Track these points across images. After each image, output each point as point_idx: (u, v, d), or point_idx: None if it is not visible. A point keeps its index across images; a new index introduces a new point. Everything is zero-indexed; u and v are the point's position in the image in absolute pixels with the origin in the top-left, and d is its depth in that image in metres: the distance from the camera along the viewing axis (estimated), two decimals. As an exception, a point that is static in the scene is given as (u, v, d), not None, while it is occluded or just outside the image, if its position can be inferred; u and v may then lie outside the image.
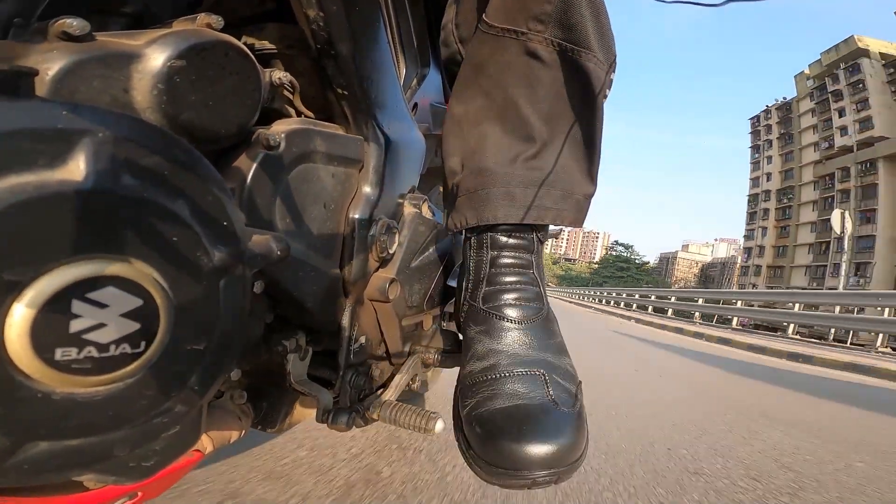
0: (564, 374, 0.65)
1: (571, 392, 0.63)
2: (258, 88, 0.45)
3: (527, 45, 0.64)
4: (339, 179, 0.58)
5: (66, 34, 0.32)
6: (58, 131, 0.27)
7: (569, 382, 0.64)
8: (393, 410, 0.64)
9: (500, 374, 0.63)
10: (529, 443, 0.55)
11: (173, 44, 0.37)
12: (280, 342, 0.56)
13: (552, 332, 0.69)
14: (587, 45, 0.64)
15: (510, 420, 0.57)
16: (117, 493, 0.54)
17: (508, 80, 0.66)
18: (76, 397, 0.29)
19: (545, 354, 0.65)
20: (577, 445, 0.57)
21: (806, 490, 1.37)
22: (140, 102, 0.36)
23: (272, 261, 0.40)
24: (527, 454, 0.54)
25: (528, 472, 0.54)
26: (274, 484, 1.05)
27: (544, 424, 0.57)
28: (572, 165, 0.70)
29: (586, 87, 0.67)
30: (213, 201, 0.34)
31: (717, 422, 2.11)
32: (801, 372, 4.68)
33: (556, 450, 0.55)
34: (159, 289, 0.30)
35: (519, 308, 0.67)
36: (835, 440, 1.98)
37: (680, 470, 1.42)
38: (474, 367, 0.65)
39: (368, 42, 0.58)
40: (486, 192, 0.67)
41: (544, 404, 0.59)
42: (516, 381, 0.62)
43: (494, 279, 0.69)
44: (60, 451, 0.30)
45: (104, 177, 0.28)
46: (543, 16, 0.62)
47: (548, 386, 0.61)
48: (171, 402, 0.35)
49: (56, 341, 0.27)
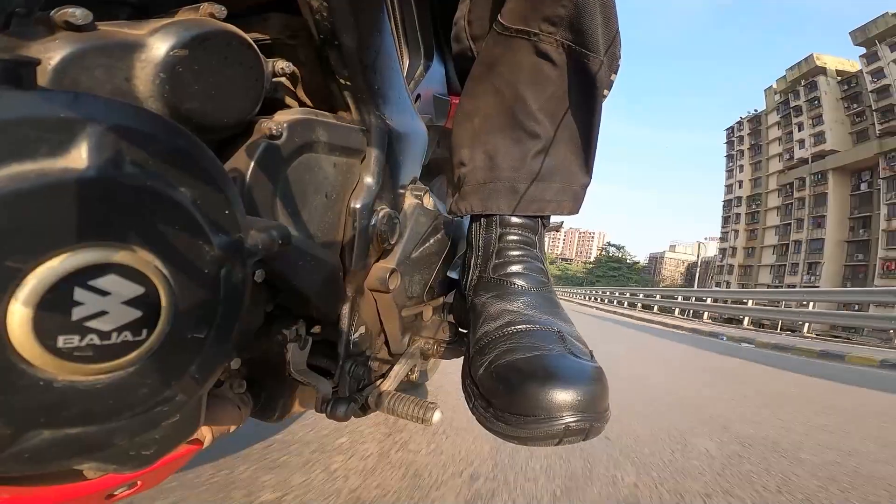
0: (577, 338, 0.66)
1: (587, 352, 0.63)
2: (261, 78, 0.45)
3: (538, 46, 0.66)
4: (340, 169, 0.58)
5: (68, 24, 0.32)
6: (60, 120, 0.27)
7: (582, 344, 0.65)
8: (391, 400, 0.65)
9: (517, 329, 0.63)
10: (557, 387, 0.54)
11: (176, 33, 0.37)
12: (280, 331, 0.56)
13: (558, 306, 0.71)
14: (595, 49, 0.67)
15: (534, 368, 0.56)
16: (117, 481, 0.54)
17: (518, 78, 0.68)
18: (78, 385, 0.29)
19: (556, 319, 0.67)
20: (603, 395, 0.57)
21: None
22: (142, 92, 0.36)
23: (273, 250, 0.40)
24: (556, 398, 0.53)
25: (560, 417, 0.53)
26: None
27: (569, 371, 0.56)
28: (572, 160, 0.74)
29: (589, 88, 0.70)
30: (214, 190, 0.34)
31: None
32: (743, 347, 6.75)
33: (584, 395, 0.54)
34: (161, 277, 0.30)
35: (527, 277, 0.71)
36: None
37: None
38: (488, 327, 0.66)
39: (372, 32, 0.58)
40: (493, 185, 0.72)
41: (564, 355, 0.59)
42: (534, 336, 0.62)
43: (503, 253, 0.73)
44: (61, 440, 0.30)
45: (106, 165, 0.28)
46: (556, 18, 0.64)
47: (564, 341, 0.62)
48: (171, 391, 0.35)
49: (58, 329, 0.27)
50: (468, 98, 0.75)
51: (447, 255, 0.82)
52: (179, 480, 0.98)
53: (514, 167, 0.71)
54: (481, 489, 1.15)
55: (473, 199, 0.73)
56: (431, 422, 0.62)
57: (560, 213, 0.76)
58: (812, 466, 1.54)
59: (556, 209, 0.75)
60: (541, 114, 0.69)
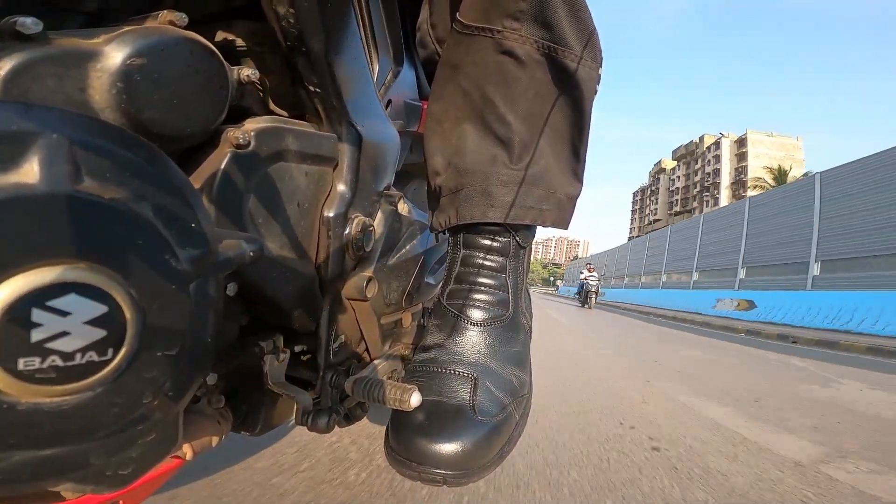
0: (503, 384, 0.64)
1: (501, 403, 0.63)
2: (225, 86, 0.44)
3: (502, 44, 0.63)
4: (312, 178, 0.57)
5: (17, 33, 0.31)
6: (10, 133, 0.26)
7: (503, 393, 0.64)
8: (367, 385, 0.63)
9: (435, 369, 0.64)
10: (426, 438, 0.56)
11: (132, 41, 0.36)
12: (256, 344, 0.55)
13: (511, 341, 0.68)
14: (565, 44, 0.64)
15: (421, 414, 0.59)
16: (96, 501, 0.53)
17: (485, 79, 0.65)
18: (43, 407, 0.28)
19: (489, 361, 0.65)
20: (478, 455, 0.58)
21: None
22: (98, 102, 0.35)
23: (244, 262, 0.39)
24: (420, 447, 0.56)
25: (417, 464, 0.56)
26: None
27: (448, 425, 0.58)
28: (555, 165, 0.70)
29: (568, 86, 0.66)
30: (179, 202, 0.33)
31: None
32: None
33: (450, 452, 0.56)
34: (124, 295, 0.29)
35: (479, 310, 0.68)
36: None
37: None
38: (418, 357, 0.68)
39: (340, 39, 0.57)
40: (466, 191, 0.67)
41: (461, 407, 0.60)
42: (446, 379, 0.63)
43: (463, 277, 0.70)
44: (33, 461, 0.29)
45: (61, 179, 0.27)
46: (518, 13, 0.61)
47: (475, 391, 0.62)
48: (145, 410, 0.34)
49: (17, 351, 0.26)
50: (436, 101, 0.71)
51: (424, 261, 0.81)
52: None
53: (486, 171, 0.66)
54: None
55: (450, 210, 0.69)
56: (410, 404, 0.61)
57: (543, 223, 0.70)
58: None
59: (538, 218, 0.69)
60: (511, 115, 0.65)
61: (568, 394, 2.53)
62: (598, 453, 1.60)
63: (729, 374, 3.63)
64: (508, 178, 0.66)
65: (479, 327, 0.67)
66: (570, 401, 2.37)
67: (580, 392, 2.61)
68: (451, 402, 0.60)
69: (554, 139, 0.69)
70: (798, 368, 4.11)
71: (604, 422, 2.03)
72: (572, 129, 0.70)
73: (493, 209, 0.67)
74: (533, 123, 0.67)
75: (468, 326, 0.67)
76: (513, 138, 0.66)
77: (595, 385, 2.85)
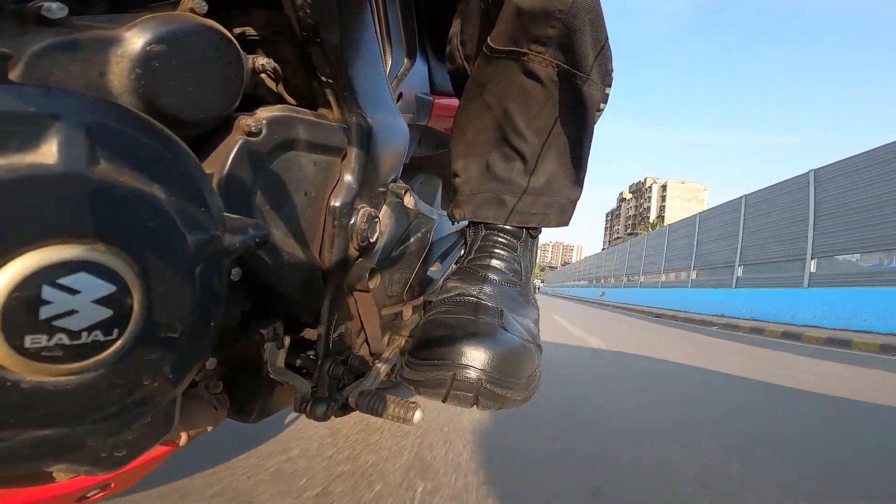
0: (524, 326, 0.67)
1: (523, 335, 0.65)
2: (240, 74, 0.45)
3: (526, 66, 0.67)
4: (320, 167, 0.57)
5: (42, 18, 0.31)
6: (30, 115, 0.26)
7: (526, 333, 0.66)
8: (371, 400, 0.64)
9: (461, 298, 0.66)
10: (463, 340, 0.56)
11: (153, 28, 0.36)
12: (257, 331, 0.55)
13: (524, 307, 0.72)
14: (585, 70, 0.68)
15: (454, 324, 0.59)
16: (89, 483, 0.53)
17: (507, 96, 0.70)
18: (46, 386, 0.28)
19: (510, 308, 0.68)
20: (512, 366, 0.58)
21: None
22: (117, 87, 0.35)
23: (250, 248, 0.39)
24: (457, 348, 0.55)
25: (452, 364, 0.55)
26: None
27: (484, 333, 0.58)
28: (560, 174, 0.76)
29: (580, 107, 0.71)
30: (189, 186, 0.33)
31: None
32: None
33: (487, 354, 0.55)
34: (133, 275, 0.30)
35: (498, 272, 0.73)
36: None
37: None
38: (440, 296, 0.70)
39: (355, 31, 0.57)
40: (483, 196, 0.75)
41: (493, 324, 0.61)
42: (473, 307, 0.65)
43: (483, 249, 0.75)
44: (30, 441, 0.30)
45: (76, 160, 0.27)
46: (545, 39, 0.65)
47: (502, 318, 0.63)
48: (144, 392, 0.34)
49: (25, 328, 0.26)
50: (462, 113, 0.77)
51: (427, 254, 0.82)
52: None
53: (501, 181, 0.74)
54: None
55: (466, 208, 0.76)
56: (413, 421, 0.61)
57: (546, 225, 0.78)
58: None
59: (542, 221, 0.77)
60: (528, 131, 0.71)
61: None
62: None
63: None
64: (519, 187, 0.74)
65: (498, 284, 0.71)
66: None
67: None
68: (482, 320, 0.61)
69: (561, 151, 0.75)
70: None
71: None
72: (577, 142, 0.75)
73: (504, 213, 0.74)
74: (544, 137, 0.72)
75: (489, 281, 0.71)
76: (526, 152, 0.72)
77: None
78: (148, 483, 1.01)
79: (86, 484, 0.53)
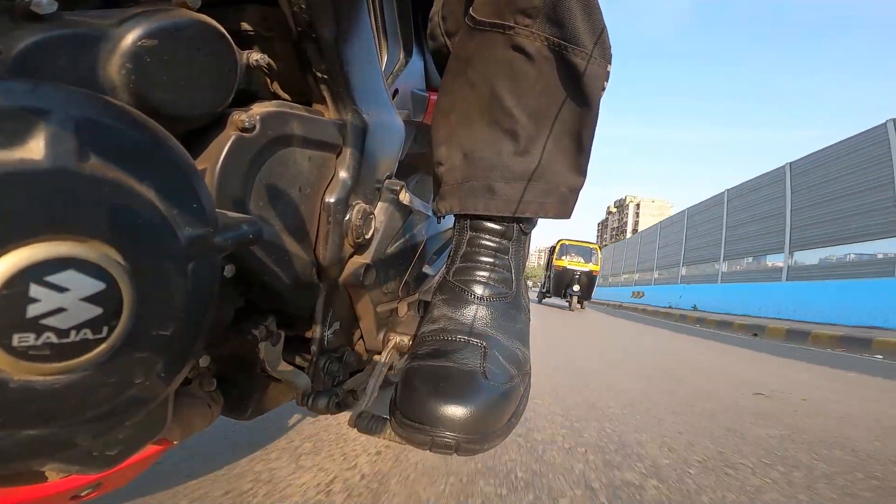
0: (509, 355, 0.65)
1: (508, 373, 0.63)
2: (234, 70, 0.44)
3: (513, 40, 0.63)
4: (315, 163, 0.57)
5: (32, 13, 0.31)
6: (17, 110, 0.25)
7: (511, 364, 0.65)
8: (370, 422, 0.63)
9: (445, 337, 0.65)
10: (440, 400, 0.56)
11: (145, 23, 0.36)
12: (251, 328, 0.55)
13: (514, 318, 0.70)
14: (577, 42, 0.63)
15: (434, 377, 0.58)
16: (80, 482, 0.53)
17: (494, 74, 0.65)
18: (35, 385, 0.28)
19: (496, 333, 0.66)
20: (490, 419, 0.57)
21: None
22: (108, 82, 0.35)
23: (243, 244, 0.39)
24: (434, 410, 0.55)
25: (431, 427, 0.55)
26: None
27: (463, 388, 0.57)
28: (559, 159, 0.70)
29: (577, 83, 0.66)
30: (182, 183, 0.33)
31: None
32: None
33: (464, 414, 0.55)
34: (123, 272, 0.29)
35: (485, 286, 0.69)
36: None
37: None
38: (425, 328, 0.68)
39: (350, 26, 0.57)
40: (470, 184, 0.69)
41: (473, 372, 0.60)
42: (456, 347, 0.63)
43: (469, 257, 0.71)
44: (20, 440, 0.29)
45: (65, 156, 0.26)
46: (531, 10, 0.61)
47: (485, 358, 0.62)
48: (136, 390, 0.34)
49: (12, 326, 0.26)
50: (444, 94, 0.72)
51: (423, 251, 0.81)
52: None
53: (490, 166, 0.68)
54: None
55: (452, 200, 0.71)
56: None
57: (544, 215, 0.71)
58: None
59: (539, 211, 0.70)
60: (518, 110, 0.65)
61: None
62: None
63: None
64: (512, 173, 0.67)
65: (486, 302, 0.68)
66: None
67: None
68: (464, 368, 0.60)
69: (560, 134, 0.69)
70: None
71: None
72: (579, 124, 0.69)
73: (495, 203, 0.68)
74: (539, 119, 0.67)
75: (476, 301, 0.68)
76: (519, 133, 0.66)
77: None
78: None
79: (78, 483, 0.53)
